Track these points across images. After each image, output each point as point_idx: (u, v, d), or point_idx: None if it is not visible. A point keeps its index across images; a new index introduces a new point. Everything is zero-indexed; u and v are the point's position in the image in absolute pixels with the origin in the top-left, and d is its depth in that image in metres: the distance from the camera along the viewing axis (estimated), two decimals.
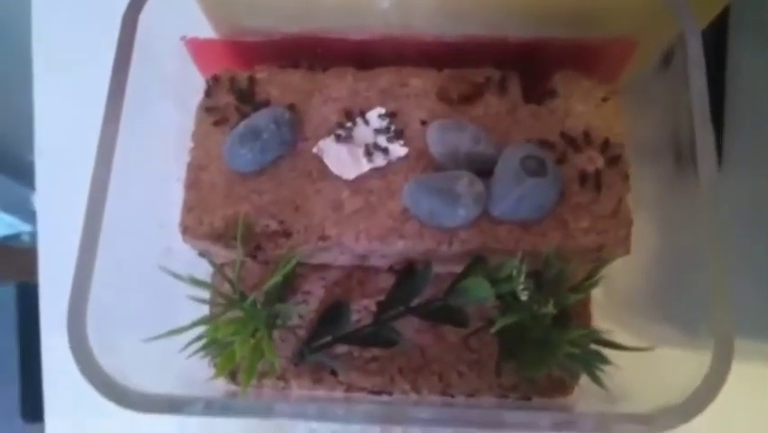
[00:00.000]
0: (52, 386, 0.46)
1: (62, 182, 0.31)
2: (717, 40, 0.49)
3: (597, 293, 0.41)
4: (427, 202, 0.32)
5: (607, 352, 0.33)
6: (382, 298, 0.37)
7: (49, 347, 0.46)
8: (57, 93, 0.50)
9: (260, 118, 0.33)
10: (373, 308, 0.38)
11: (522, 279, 0.31)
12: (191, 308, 0.32)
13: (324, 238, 0.34)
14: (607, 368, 0.33)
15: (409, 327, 0.37)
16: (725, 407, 0.26)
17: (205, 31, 0.37)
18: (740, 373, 0.27)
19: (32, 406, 0.48)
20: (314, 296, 0.38)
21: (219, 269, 0.33)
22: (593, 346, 0.32)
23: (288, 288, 0.37)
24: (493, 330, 0.31)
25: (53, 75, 0.51)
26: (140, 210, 0.33)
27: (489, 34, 0.36)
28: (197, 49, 0.36)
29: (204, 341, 0.32)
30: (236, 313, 0.32)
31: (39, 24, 0.52)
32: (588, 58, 0.36)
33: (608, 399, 0.33)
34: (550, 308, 0.30)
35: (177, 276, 0.31)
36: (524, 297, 0.31)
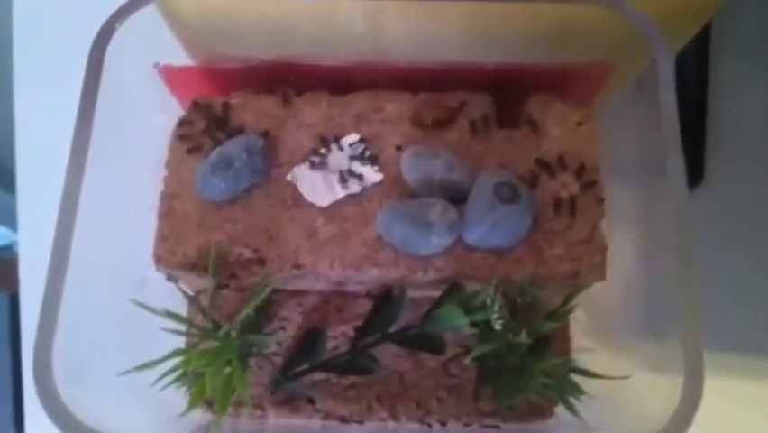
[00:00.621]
0: (33, 399, 0.46)
1: (43, 192, 0.31)
2: (699, 53, 0.49)
3: (579, 312, 0.41)
4: (401, 230, 0.32)
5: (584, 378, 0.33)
6: (360, 323, 0.36)
7: (29, 359, 0.45)
8: (38, 102, 0.50)
9: (233, 147, 0.33)
10: (351, 333, 0.37)
11: (496, 307, 0.31)
12: (168, 340, 0.32)
13: (298, 267, 0.33)
14: (583, 396, 0.33)
15: (388, 353, 0.37)
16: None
17: (181, 57, 0.37)
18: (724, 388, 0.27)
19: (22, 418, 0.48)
20: (291, 322, 0.38)
21: (192, 299, 0.33)
22: (568, 374, 0.32)
23: (264, 315, 0.37)
24: (467, 359, 0.31)
25: (34, 86, 0.51)
26: (112, 241, 0.32)
27: (464, 59, 0.36)
28: (171, 76, 0.36)
29: (177, 373, 0.31)
30: (211, 343, 0.32)
31: (20, 34, 0.52)
32: (563, 82, 0.36)
33: (584, 426, 0.33)
34: (523, 338, 0.30)
35: (151, 309, 0.31)
36: (498, 326, 0.31)
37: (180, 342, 0.34)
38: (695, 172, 0.47)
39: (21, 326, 0.47)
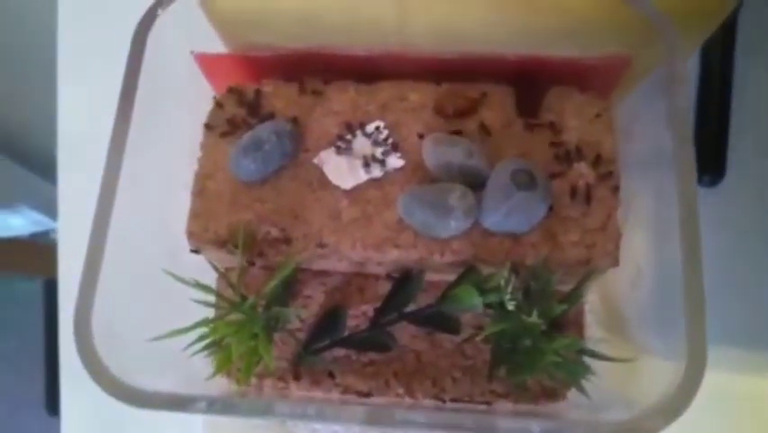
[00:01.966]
0: (69, 381, 0.49)
1: (83, 178, 0.33)
2: (724, 49, 0.50)
3: (596, 301, 0.42)
4: (421, 214, 0.34)
5: (597, 361, 0.34)
6: (380, 304, 0.38)
7: (67, 342, 0.48)
8: (81, 89, 0.53)
9: (263, 130, 0.35)
10: (371, 313, 0.39)
11: (509, 289, 0.32)
12: (197, 312, 0.34)
13: (322, 246, 0.35)
14: (594, 377, 0.34)
15: (406, 333, 0.39)
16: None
17: (218, 45, 0.39)
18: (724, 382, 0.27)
19: (57, 399, 0.50)
20: (314, 301, 0.40)
21: (222, 273, 0.34)
22: (578, 356, 0.33)
23: (289, 293, 0.39)
24: (479, 338, 0.33)
25: (78, 76, 0.53)
26: (149, 217, 0.34)
27: (486, 51, 0.37)
28: (206, 63, 0.38)
29: (205, 341, 0.33)
30: (237, 316, 0.34)
31: (65, 21, 0.55)
32: (582, 74, 0.37)
33: (595, 406, 0.34)
34: (534, 318, 0.31)
35: (182, 280, 0.33)
36: (511, 307, 0.32)
37: (208, 314, 0.36)
38: (716, 169, 0.48)
39: (58, 310, 0.49)
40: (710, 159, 0.48)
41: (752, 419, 0.43)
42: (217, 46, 0.38)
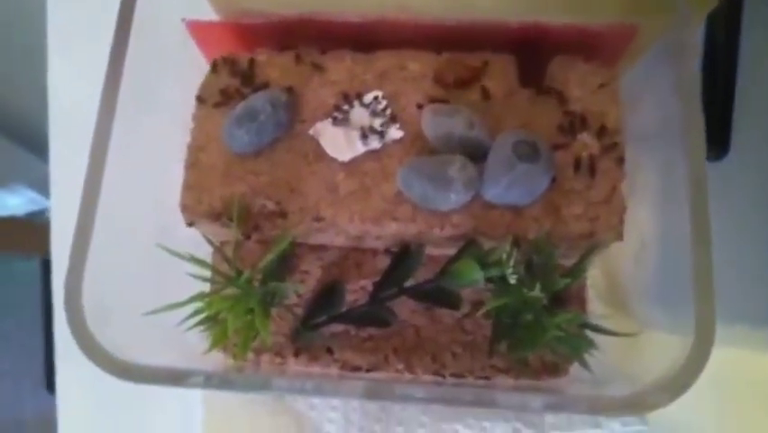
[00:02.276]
0: (64, 357, 0.48)
1: (75, 155, 0.32)
2: (730, 23, 0.48)
3: (598, 276, 0.41)
4: (420, 186, 0.33)
5: (599, 336, 0.33)
6: (379, 278, 0.37)
7: (60, 319, 0.47)
8: (71, 65, 0.52)
9: (257, 100, 0.34)
10: (370, 288, 0.38)
11: (511, 263, 0.32)
12: (193, 287, 0.33)
13: (318, 219, 0.34)
14: (596, 352, 0.33)
15: (405, 308, 0.38)
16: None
17: (209, 13, 0.37)
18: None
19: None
20: (312, 276, 0.39)
21: (217, 247, 0.34)
22: (581, 331, 0.33)
23: (286, 267, 0.38)
24: (480, 312, 0.32)
25: (67, 49, 0.52)
26: (139, 189, 0.33)
27: (488, 18, 0.36)
28: (198, 31, 0.37)
29: (201, 316, 0.33)
30: (233, 290, 0.33)
31: None
32: (587, 42, 0.36)
33: (597, 381, 0.34)
34: (537, 292, 0.31)
35: (176, 254, 0.32)
36: (512, 280, 0.32)
37: (204, 289, 0.35)
38: (721, 144, 0.47)
39: (53, 288, 0.48)
40: (715, 132, 0.47)
41: (753, 398, 0.42)
42: (209, 14, 0.37)
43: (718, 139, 0.47)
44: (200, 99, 0.37)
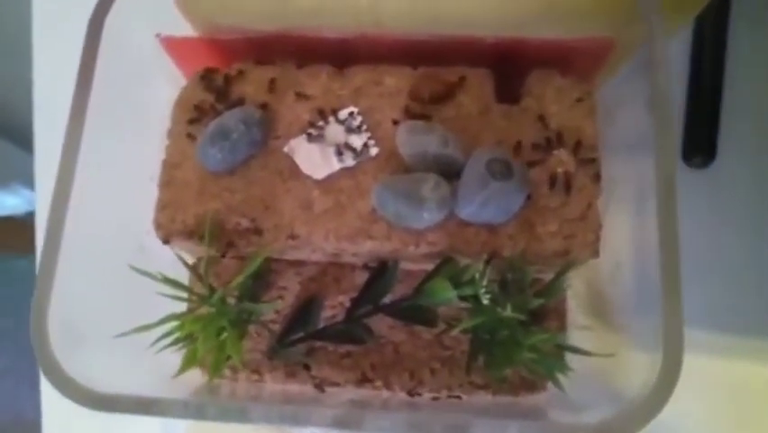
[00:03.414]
0: None
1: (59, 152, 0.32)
2: (717, 29, 0.48)
3: (579, 286, 0.41)
4: (393, 204, 0.32)
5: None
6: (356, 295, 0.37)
7: None
8: (56, 62, 0.51)
9: (230, 118, 0.34)
10: (348, 304, 0.38)
11: (485, 282, 0.31)
12: (169, 306, 0.33)
13: (293, 237, 0.34)
14: (574, 366, 0.33)
15: (383, 324, 0.38)
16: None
17: (184, 28, 0.37)
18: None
19: None
20: (290, 291, 0.39)
21: (189, 266, 0.34)
22: (557, 350, 0.32)
23: (263, 284, 0.38)
24: (454, 331, 0.32)
25: (52, 45, 0.51)
26: (113, 208, 0.33)
27: (464, 33, 0.35)
28: (173, 47, 0.37)
29: (173, 337, 0.32)
30: (208, 309, 0.33)
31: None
32: (563, 57, 0.35)
33: (574, 399, 0.34)
34: (509, 312, 0.31)
35: (148, 274, 0.32)
36: (485, 300, 0.31)
37: (182, 308, 0.35)
38: (708, 149, 0.46)
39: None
40: (701, 139, 0.47)
41: (730, 404, 0.42)
42: (184, 29, 0.37)
43: (705, 145, 0.47)
44: (174, 116, 0.36)
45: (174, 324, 0.32)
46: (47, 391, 0.48)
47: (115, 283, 0.33)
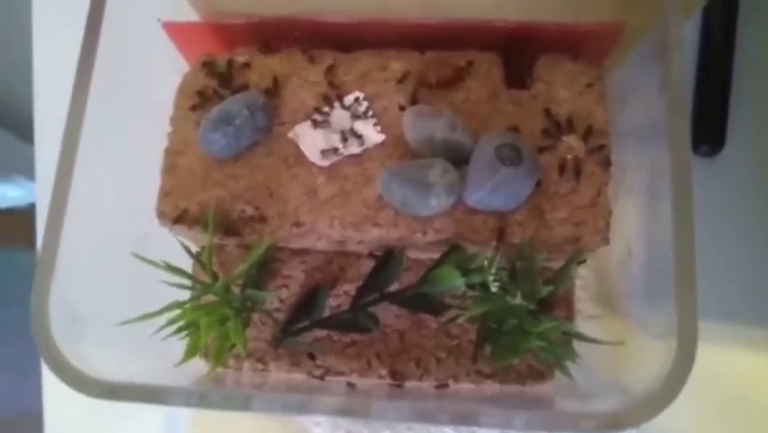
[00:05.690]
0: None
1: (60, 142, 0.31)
2: (726, 13, 0.47)
3: (589, 275, 0.41)
4: (400, 191, 0.32)
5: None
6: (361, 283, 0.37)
7: None
8: (56, 50, 0.50)
9: (234, 104, 0.33)
10: (353, 293, 0.38)
11: (493, 270, 0.31)
12: (173, 294, 0.33)
13: (298, 225, 0.34)
14: (582, 356, 0.32)
15: (389, 313, 0.37)
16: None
17: (187, 13, 0.36)
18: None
19: None
20: (295, 280, 0.38)
21: (192, 254, 0.33)
22: (565, 338, 0.32)
23: (267, 272, 0.37)
24: (461, 319, 0.31)
25: (53, 32, 0.50)
26: (116, 196, 0.33)
27: (473, 17, 0.35)
28: (176, 32, 0.36)
29: (176, 325, 0.32)
30: (211, 297, 0.33)
31: None
32: (573, 41, 0.35)
33: (582, 387, 0.33)
34: (518, 300, 0.30)
35: (151, 262, 0.31)
36: (494, 288, 0.31)
37: (186, 296, 0.35)
38: (716, 138, 0.46)
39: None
40: (710, 127, 0.46)
41: (741, 396, 0.41)
42: (187, 14, 0.36)
43: (713, 134, 0.46)
44: (177, 102, 0.36)
45: (177, 312, 0.31)
46: (49, 381, 0.47)
47: (118, 272, 0.32)
